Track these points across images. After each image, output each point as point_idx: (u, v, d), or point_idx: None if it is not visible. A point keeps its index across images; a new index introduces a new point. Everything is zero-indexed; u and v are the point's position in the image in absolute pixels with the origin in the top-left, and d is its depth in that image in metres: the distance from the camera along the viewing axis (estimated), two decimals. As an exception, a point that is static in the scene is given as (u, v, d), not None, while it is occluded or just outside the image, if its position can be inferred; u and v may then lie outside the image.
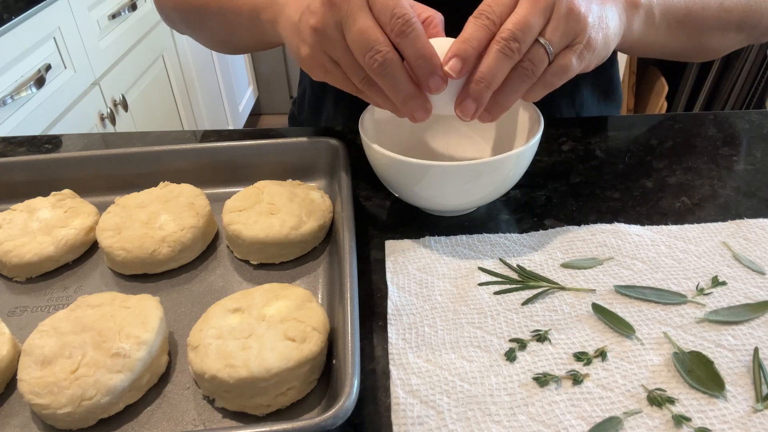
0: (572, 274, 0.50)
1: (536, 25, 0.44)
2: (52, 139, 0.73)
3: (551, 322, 0.46)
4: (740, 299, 0.47)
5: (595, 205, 0.58)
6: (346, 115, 0.82)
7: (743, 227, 0.54)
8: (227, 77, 2.31)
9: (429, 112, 0.47)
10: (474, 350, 0.44)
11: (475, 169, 0.49)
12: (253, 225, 0.52)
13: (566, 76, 0.47)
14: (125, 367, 0.41)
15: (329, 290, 0.50)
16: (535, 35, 0.44)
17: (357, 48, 0.44)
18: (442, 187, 0.51)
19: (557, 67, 0.46)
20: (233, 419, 0.41)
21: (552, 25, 0.44)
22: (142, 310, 0.44)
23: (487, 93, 0.45)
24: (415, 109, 0.46)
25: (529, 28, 0.44)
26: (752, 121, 0.70)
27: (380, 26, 0.44)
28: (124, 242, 0.51)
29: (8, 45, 1.12)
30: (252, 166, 0.61)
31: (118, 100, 1.48)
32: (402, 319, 0.46)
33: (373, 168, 0.55)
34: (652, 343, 0.44)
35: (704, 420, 0.38)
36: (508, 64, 0.44)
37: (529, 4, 0.44)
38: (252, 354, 0.40)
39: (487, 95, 0.46)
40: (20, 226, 0.54)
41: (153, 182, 0.59)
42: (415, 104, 0.46)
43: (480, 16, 0.44)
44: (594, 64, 0.49)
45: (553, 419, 0.39)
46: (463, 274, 0.50)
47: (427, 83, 0.45)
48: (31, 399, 0.40)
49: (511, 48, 0.43)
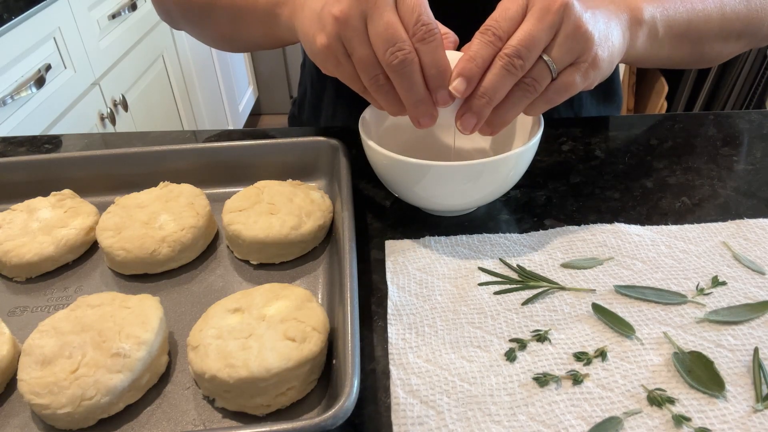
0: (572, 274, 0.50)
1: (541, 41, 0.44)
2: (52, 139, 0.73)
3: (551, 322, 0.46)
4: (740, 299, 0.47)
5: (595, 205, 0.58)
6: (345, 115, 0.82)
7: (743, 227, 0.54)
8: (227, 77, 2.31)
9: (434, 120, 0.48)
10: (474, 350, 0.44)
11: (475, 169, 0.49)
12: (253, 225, 0.52)
13: (569, 94, 0.47)
14: (125, 367, 0.41)
15: (329, 290, 0.50)
16: (539, 52, 0.44)
17: (380, 41, 0.44)
18: (442, 187, 0.51)
19: (560, 84, 0.46)
20: (233, 419, 0.41)
21: (557, 42, 0.44)
22: (142, 310, 0.44)
23: (488, 108, 0.46)
24: (423, 114, 0.47)
25: (534, 45, 0.44)
26: (752, 121, 0.70)
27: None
28: (124, 242, 0.51)
29: (8, 45, 1.12)
30: (252, 166, 0.61)
31: (118, 100, 1.48)
32: (402, 319, 0.46)
33: (373, 168, 0.55)
34: (652, 343, 0.44)
35: (704, 420, 0.38)
36: (510, 80, 0.45)
37: (535, 20, 0.44)
38: (252, 354, 0.40)
39: (488, 110, 0.46)
40: (20, 226, 0.54)
41: (153, 182, 0.59)
42: (424, 110, 0.47)
43: (486, 32, 0.45)
44: (597, 82, 0.49)
45: (553, 419, 0.39)
46: (463, 274, 0.50)
47: (436, 94, 0.46)
48: (31, 399, 0.40)
49: (514, 65, 0.44)
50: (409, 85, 0.45)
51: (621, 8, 0.52)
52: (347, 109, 0.81)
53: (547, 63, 0.45)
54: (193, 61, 1.97)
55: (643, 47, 0.56)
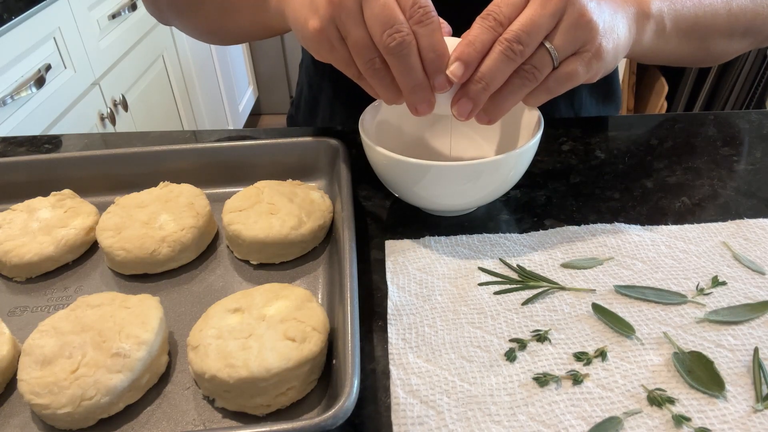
0: (572, 274, 0.50)
1: (543, 28, 0.43)
2: (52, 139, 0.73)
3: (551, 322, 0.46)
4: (740, 299, 0.47)
5: (595, 205, 0.58)
6: (344, 116, 0.82)
7: (743, 227, 0.54)
8: (227, 77, 2.31)
9: (432, 108, 0.46)
10: (474, 350, 0.44)
11: (475, 169, 0.49)
12: (253, 225, 0.52)
13: (570, 84, 0.46)
14: (125, 367, 0.41)
15: (329, 290, 0.50)
16: (540, 39, 0.43)
17: (377, 23, 0.43)
18: (442, 187, 0.51)
19: (562, 73, 0.45)
20: (233, 419, 0.41)
21: (560, 30, 0.44)
22: (142, 310, 0.44)
23: (485, 94, 0.45)
24: (420, 100, 0.45)
25: (536, 31, 0.43)
26: (752, 121, 0.70)
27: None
28: (124, 242, 0.51)
29: (8, 45, 1.12)
30: (252, 166, 0.61)
31: (118, 100, 1.48)
32: (402, 319, 0.46)
33: (374, 168, 0.55)
34: (652, 343, 0.44)
35: (704, 420, 0.38)
36: (509, 66, 0.44)
37: (538, 6, 0.43)
38: (252, 354, 0.40)
39: (485, 96, 0.45)
40: (20, 226, 0.54)
41: (153, 182, 0.59)
42: (422, 96, 0.45)
43: (487, 17, 0.44)
44: (600, 74, 0.48)
45: (553, 419, 0.39)
46: (463, 274, 0.50)
47: (433, 79, 0.45)
48: (31, 399, 0.40)
49: (513, 50, 0.43)
50: (406, 68, 0.44)
51: (628, 1, 0.51)
52: (345, 109, 0.81)
53: (549, 50, 0.44)
54: (193, 61, 1.97)
55: (649, 42, 0.54)
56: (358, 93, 0.53)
